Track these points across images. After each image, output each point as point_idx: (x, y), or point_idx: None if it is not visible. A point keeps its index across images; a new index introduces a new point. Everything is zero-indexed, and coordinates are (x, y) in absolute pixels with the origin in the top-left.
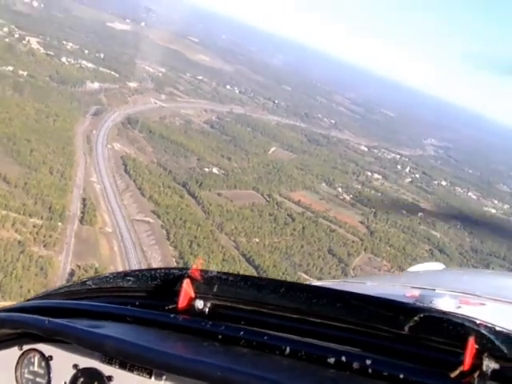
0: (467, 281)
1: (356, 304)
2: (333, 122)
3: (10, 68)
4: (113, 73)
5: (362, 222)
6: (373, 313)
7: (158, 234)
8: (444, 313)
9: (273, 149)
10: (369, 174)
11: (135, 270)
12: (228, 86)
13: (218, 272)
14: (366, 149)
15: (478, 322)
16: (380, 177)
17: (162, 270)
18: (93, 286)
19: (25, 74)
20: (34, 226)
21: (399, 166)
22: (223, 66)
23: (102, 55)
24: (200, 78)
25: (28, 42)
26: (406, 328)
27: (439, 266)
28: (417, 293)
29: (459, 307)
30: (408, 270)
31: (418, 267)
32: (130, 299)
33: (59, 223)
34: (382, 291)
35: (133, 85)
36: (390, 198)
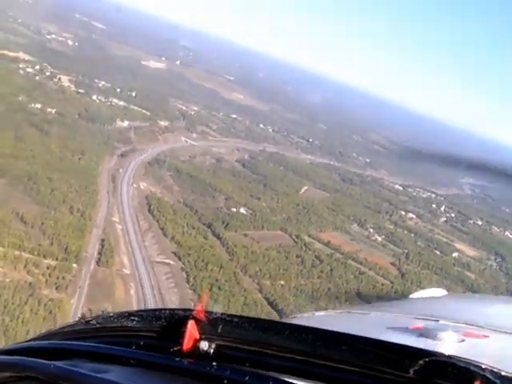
0: (470, 309)
1: (361, 347)
2: (368, 160)
3: (39, 105)
4: (144, 111)
5: (393, 264)
6: (378, 356)
7: (177, 276)
8: (449, 357)
9: (304, 188)
10: (402, 213)
11: (140, 310)
12: (261, 125)
13: (222, 313)
14: (400, 188)
15: (483, 366)
16: (414, 216)
17: (167, 311)
18: (97, 326)
19: (53, 111)
20: (48, 268)
21: (434, 205)
22: (258, 104)
23: (133, 93)
24: (234, 116)
25: (59, 79)
26: (411, 372)
27: (441, 292)
28: (420, 325)
29: (463, 340)
30: (411, 296)
31: (420, 293)
32: (134, 340)
33: (74, 265)
34: (386, 323)
35: (164, 123)
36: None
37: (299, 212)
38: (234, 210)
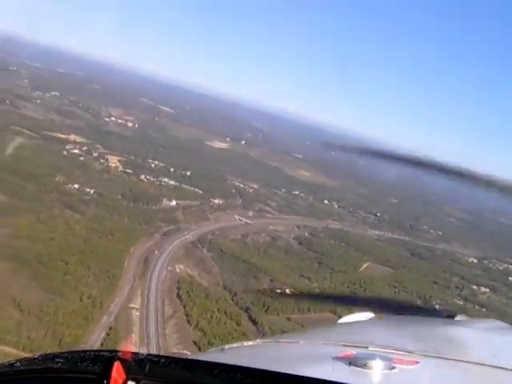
0: (399, 333)
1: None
2: (440, 233)
3: (76, 186)
4: (196, 190)
5: None
6: None
7: None
8: None
9: (365, 265)
10: (474, 287)
11: (65, 352)
12: (326, 201)
13: (148, 354)
14: (474, 260)
15: None
16: (487, 290)
17: (92, 352)
18: (21, 368)
19: (92, 191)
20: None
21: (511, 278)
22: (325, 181)
23: (188, 173)
24: (296, 193)
25: (106, 160)
26: None
27: (369, 315)
28: (350, 352)
29: (393, 368)
30: (339, 321)
31: (348, 318)
32: (58, 382)
33: None
34: (316, 352)
35: (218, 201)
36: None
37: (354, 291)
38: (279, 291)
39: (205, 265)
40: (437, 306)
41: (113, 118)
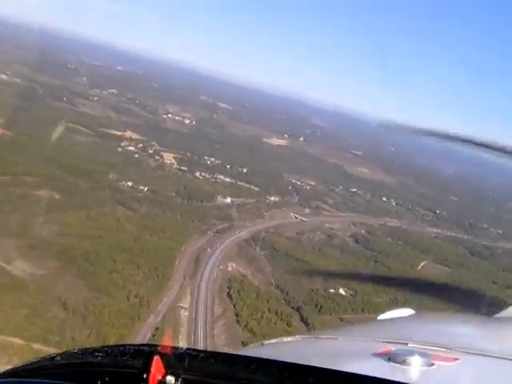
0: (439, 330)
1: (326, 379)
2: (500, 231)
3: (130, 183)
4: (252, 187)
5: None
6: None
7: None
8: None
9: (423, 263)
10: None
11: (105, 346)
12: (384, 198)
13: (188, 348)
14: None
15: None
16: None
17: (132, 347)
18: (61, 362)
19: (145, 189)
20: None
21: None
22: (384, 178)
23: (244, 170)
24: (353, 190)
25: (161, 157)
26: None
27: (409, 311)
28: (389, 349)
29: (432, 364)
30: (379, 318)
31: (389, 314)
32: (98, 376)
33: None
34: (354, 349)
35: (273, 199)
36: None
37: None
38: (332, 290)
39: (257, 263)
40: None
41: (170, 116)
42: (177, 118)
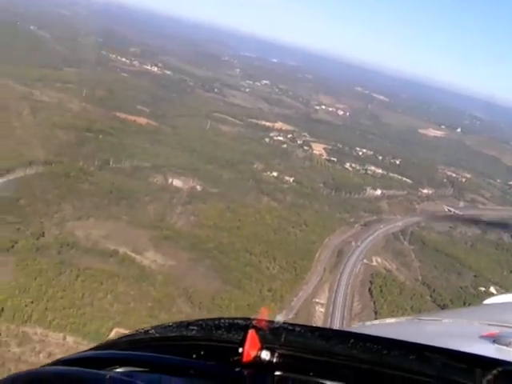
0: None
1: (430, 356)
2: None
3: (275, 174)
4: (404, 179)
5: None
6: (448, 365)
7: None
8: None
9: None
10: None
11: (199, 320)
12: None
13: (284, 322)
14: None
15: None
16: None
17: (227, 320)
18: (156, 335)
19: (291, 180)
20: None
21: None
22: None
23: (397, 161)
24: None
25: (310, 147)
26: (484, 382)
27: None
28: (493, 331)
29: None
30: (484, 302)
31: (494, 299)
32: (193, 349)
33: None
34: (458, 330)
35: (426, 191)
36: None
37: None
38: (483, 289)
39: (404, 258)
40: None
41: (323, 107)
42: (330, 109)
